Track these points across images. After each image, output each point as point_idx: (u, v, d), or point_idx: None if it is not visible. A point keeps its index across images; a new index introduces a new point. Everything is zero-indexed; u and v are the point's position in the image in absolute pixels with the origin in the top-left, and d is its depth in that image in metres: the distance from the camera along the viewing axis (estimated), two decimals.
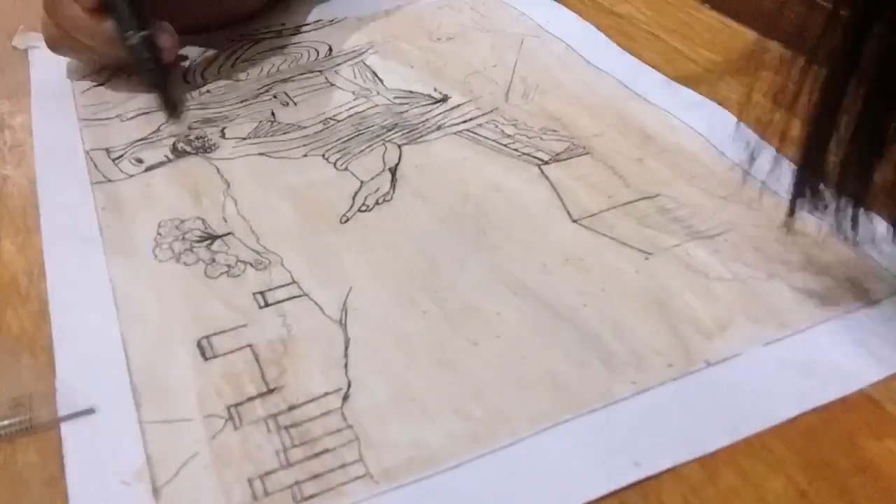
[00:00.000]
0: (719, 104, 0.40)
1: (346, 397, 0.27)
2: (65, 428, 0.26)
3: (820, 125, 0.24)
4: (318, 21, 0.50)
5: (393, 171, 0.37)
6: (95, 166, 0.38)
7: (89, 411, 0.26)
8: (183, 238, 0.33)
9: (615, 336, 0.28)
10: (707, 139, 0.38)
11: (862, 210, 0.26)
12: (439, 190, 0.36)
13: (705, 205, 0.34)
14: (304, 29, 0.49)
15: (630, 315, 0.29)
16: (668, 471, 0.24)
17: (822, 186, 0.26)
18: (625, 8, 0.51)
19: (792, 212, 0.27)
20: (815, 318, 0.29)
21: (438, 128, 0.40)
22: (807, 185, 0.26)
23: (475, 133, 0.39)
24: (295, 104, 0.42)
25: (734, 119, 0.39)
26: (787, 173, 0.35)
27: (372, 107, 0.42)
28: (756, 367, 0.27)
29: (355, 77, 0.44)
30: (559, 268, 0.31)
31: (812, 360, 0.27)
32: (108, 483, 0.24)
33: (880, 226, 0.32)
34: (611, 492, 0.24)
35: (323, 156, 0.38)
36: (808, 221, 0.33)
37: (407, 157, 0.38)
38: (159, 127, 0.41)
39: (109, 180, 0.37)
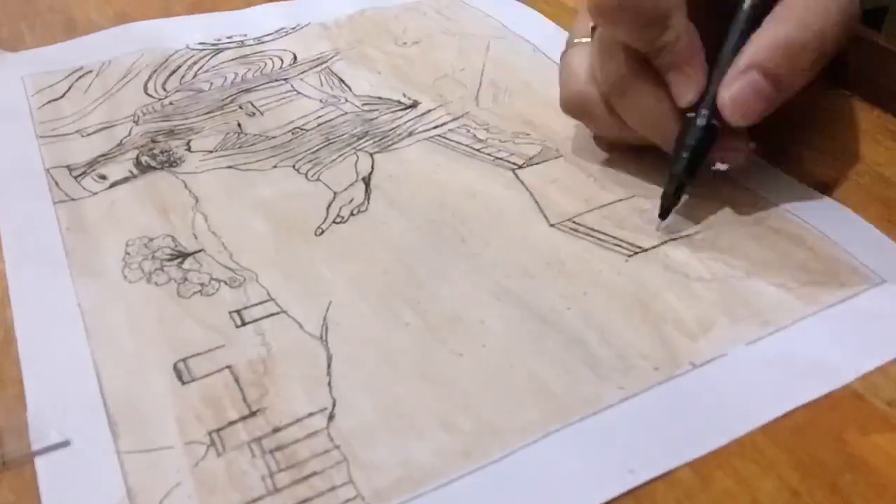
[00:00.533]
0: None
1: (331, 417, 0.26)
2: (39, 463, 0.25)
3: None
4: (281, 29, 0.49)
5: (366, 180, 0.36)
6: (57, 185, 0.36)
7: (64, 444, 0.25)
8: (153, 257, 0.32)
9: (601, 340, 0.28)
10: None
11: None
12: (414, 199, 0.35)
13: (682, 205, 0.34)
14: (266, 38, 0.48)
15: (614, 318, 0.29)
16: (660, 476, 0.24)
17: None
18: None
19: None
20: (796, 315, 0.29)
21: (410, 134, 0.39)
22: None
23: (447, 139, 0.39)
24: (262, 114, 0.41)
25: None
26: (763, 170, 0.36)
27: (341, 115, 0.41)
28: (741, 368, 0.27)
29: (322, 85, 0.44)
30: (541, 272, 0.31)
31: (795, 358, 0.27)
32: None
33: (854, 220, 0.33)
34: (607, 501, 0.23)
35: (293, 166, 0.37)
36: (785, 219, 0.33)
37: (380, 165, 0.37)
38: (121, 141, 0.39)
39: (72, 199, 0.36)
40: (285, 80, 0.44)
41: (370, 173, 0.37)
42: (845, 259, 0.31)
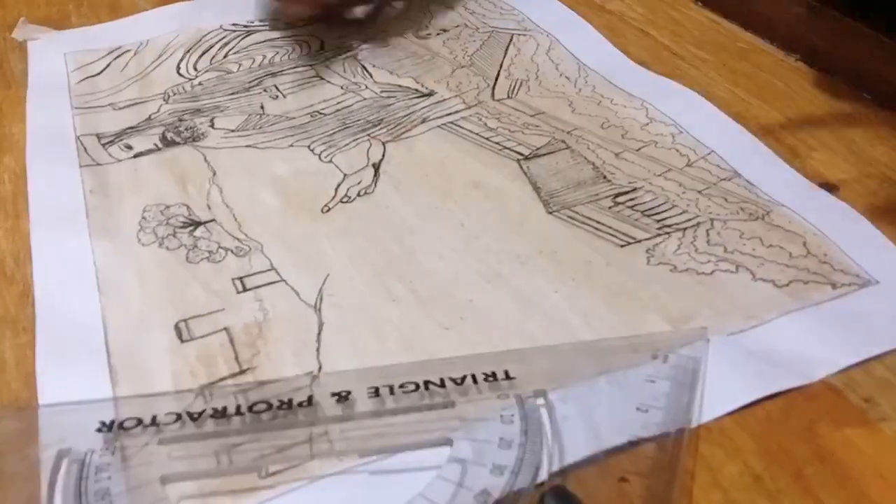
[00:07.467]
0: (705, 100, 0.40)
1: (315, 379, 0.27)
2: (42, 399, 0.26)
3: None
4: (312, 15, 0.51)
5: (376, 166, 0.37)
6: (85, 150, 0.38)
7: None
8: (167, 223, 0.34)
9: (583, 323, 0.29)
10: (689, 134, 0.38)
11: None
12: (420, 185, 0.36)
13: (680, 199, 0.34)
14: (297, 23, 0.50)
15: (599, 303, 0.30)
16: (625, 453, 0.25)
17: None
18: (616, 5, 0.51)
19: None
20: (781, 310, 0.29)
21: (423, 121, 0.40)
22: None
23: (458, 126, 0.40)
24: (284, 97, 0.43)
25: (719, 114, 0.39)
26: (769, 168, 0.36)
27: (359, 101, 0.42)
28: (718, 357, 0.27)
29: (345, 71, 0.45)
30: (533, 258, 0.32)
31: (776, 350, 0.27)
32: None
33: (856, 220, 0.33)
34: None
35: (309, 147, 0.39)
36: (785, 216, 0.33)
37: (391, 153, 0.38)
38: (150, 116, 0.41)
39: (98, 163, 0.38)
40: (311, 65, 0.45)
41: (380, 160, 0.38)
42: (840, 258, 0.31)
